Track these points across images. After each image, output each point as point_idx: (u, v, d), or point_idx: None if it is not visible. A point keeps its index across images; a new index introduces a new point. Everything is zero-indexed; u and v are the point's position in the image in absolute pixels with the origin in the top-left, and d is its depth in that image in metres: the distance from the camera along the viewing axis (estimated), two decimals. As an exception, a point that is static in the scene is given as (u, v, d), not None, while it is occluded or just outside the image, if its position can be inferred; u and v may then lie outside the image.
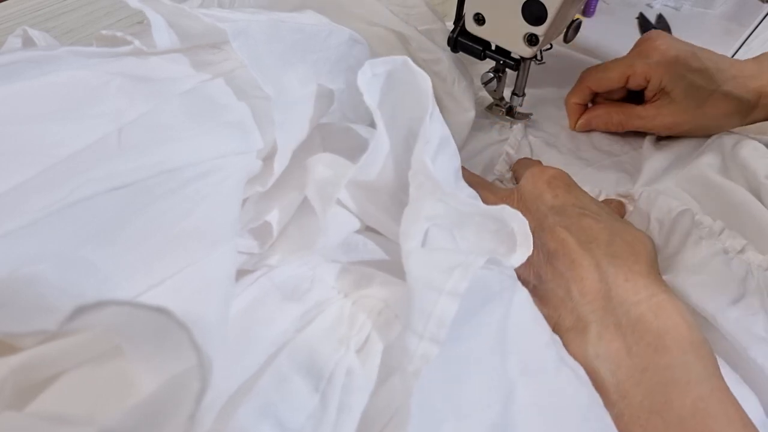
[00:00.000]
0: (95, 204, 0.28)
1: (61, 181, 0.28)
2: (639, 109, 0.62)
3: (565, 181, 0.46)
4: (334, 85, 0.41)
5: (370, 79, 0.36)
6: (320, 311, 0.34)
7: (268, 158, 0.36)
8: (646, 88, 0.61)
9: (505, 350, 0.34)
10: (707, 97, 0.58)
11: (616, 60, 0.61)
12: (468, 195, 0.41)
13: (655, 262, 0.41)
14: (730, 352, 0.42)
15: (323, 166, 0.36)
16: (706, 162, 0.55)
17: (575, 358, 0.38)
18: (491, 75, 0.64)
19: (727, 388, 0.35)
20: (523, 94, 0.65)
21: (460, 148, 0.62)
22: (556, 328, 0.40)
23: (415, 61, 0.56)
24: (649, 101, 0.62)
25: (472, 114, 0.61)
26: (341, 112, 0.45)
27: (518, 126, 0.67)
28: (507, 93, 0.67)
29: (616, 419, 0.35)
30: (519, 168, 0.57)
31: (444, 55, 0.59)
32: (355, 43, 0.45)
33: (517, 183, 0.58)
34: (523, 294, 0.37)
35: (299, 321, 0.33)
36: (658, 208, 0.50)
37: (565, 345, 0.39)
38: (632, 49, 0.62)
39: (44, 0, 0.76)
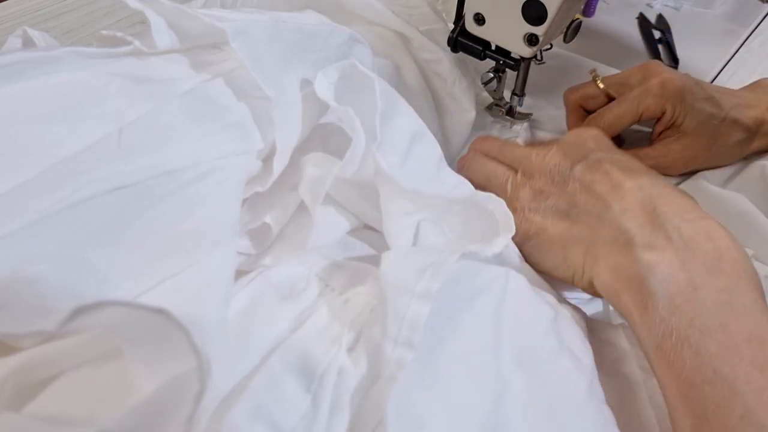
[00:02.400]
0: (95, 205, 0.28)
1: (62, 182, 0.28)
2: (648, 151, 0.61)
3: (608, 141, 0.46)
4: (335, 85, 0.41)
5: (327, 87, 0.36)
6: (314, 310, 0.34)
7: (268, 159, 0.36)
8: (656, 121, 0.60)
9: (499, 344, 0.33)
10: (718, 126, 0.57)
11: (625, 100, 0.59)
12: (454, 184, 0.41)
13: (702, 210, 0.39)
14: None
15: (312, 165, 0.36)
16: (704, 175, 0.55)
17: (617, 266, 0.37)
18: (491, 75, 0.64)
19: None
20: (523, 94, 0.65)
21: (461, 149, 0.62)
22: (590, 247, 0.39)
23: (416, 61, 0.57)
24: (657, 139, 0.61)
25: (472, 114, 0.61)
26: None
27: (517, 126, 0.67)
28: (507, 93, 0.67)
29: (662, 338, 0.33)
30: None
31: (445, 56, 0.59)
32: (356, 43, 0.45)
33: None
34: (517, 281, 0.37)
35: (294, 321, 0.33)
36: None
37: (604, 257, 0.38)
38: (634, 81, 0.60)
39: (44, 0, 0.76)
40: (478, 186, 0.46)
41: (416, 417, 0.29)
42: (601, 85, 0.62)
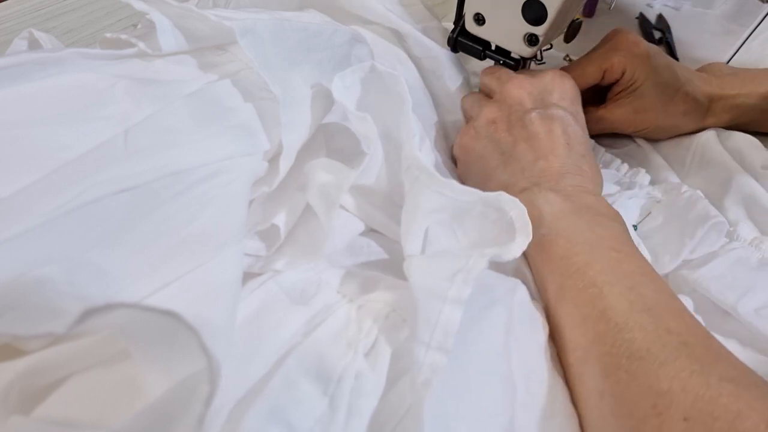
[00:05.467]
0: (102, 207, 0.28)
1: (68, 184, 0.28)
2: (601, 111, 0.62)
3: (574, 93, 0.53)
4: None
5: (343, 92, 0.37)
6: (327, 315, 0.34)
7: (273, 159, 0.36)
8: (614, 83, 0.61)
9: (509, 354, 0.34)
10: (672, 95, 0.59)
11: (591, 56, 0.60)
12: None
13: (600, 195, 0.47)
14: (753, 342, 0.43)
15: (323, 171, 0.36)
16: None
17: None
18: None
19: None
20: (523, 94, 0.65)
21: None
22: (508, 188, 0.45)
23: (411, 58, 0.56)
24: (611, 100, 0.62)
25: None
26: (342, 111, 0.45)
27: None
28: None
29: (542, 237, 0.40)
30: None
31: (440, 52, 0.59)
32: (357, 43, 0.45)
33: None
34: (522, 293, 0.37)
35: (307, 325, 0.33)
36: (696, 212, 0.51)
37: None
38: (601, 45, 0.61)
39: (44, 0, 0.76)
40: (465, 113, 0.57)
41: (446, 421, 0.29)
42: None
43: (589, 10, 0.80)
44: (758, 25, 0.76)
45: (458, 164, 0.53)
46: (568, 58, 0.64)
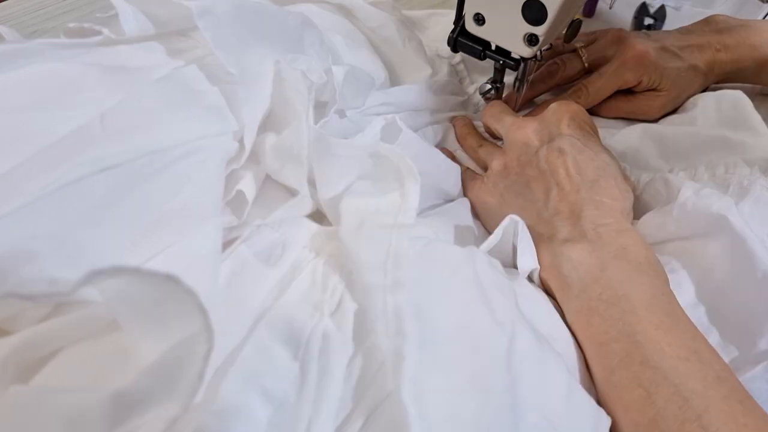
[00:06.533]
0: (84, 186, 0.29)
1: (49, 167, 0.28)
2: (630, 106, 0.64)
3: (582, 118, 0.52)
4: (294, 65, 0.42)
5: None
6: (295, 276, 0.34)
7: (241, 139, 0.38)
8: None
9: (490, 306, 0.34)
10: (684, 75, 0.61)
11: (605, 75, 0.62)
12: None
13: (628, 214, 0.46)
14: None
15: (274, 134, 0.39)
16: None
17: (542, 260, 0.44)
18: (489, 86, 0.64)
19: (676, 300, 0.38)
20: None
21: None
22: (533, 237, 0.45)
23: (363, 31, 0.58)
24: (636, 95, 0.64)
25: (429, 71, 0.62)
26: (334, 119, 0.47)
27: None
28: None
29: (577, 311, 0.40)
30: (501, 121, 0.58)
31: (390, 20, 0.59)
32: (307, 27, 0.45)
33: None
34: (480, 260, 0.38)
35: (276, 288, 0.34)
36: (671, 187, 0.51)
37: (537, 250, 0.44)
38: (605, 48, 0.64)
39: (44, 0, 0.76)
40: (474, 157, 0.58)
41: (427, 397, 0.29)
42: (586, 64, 0.64)
43: (589, 10, 0.80)
44: (758, 26, 0.76)
45: (480, 216, 0.53)
46: (581, 49, 0.64)
